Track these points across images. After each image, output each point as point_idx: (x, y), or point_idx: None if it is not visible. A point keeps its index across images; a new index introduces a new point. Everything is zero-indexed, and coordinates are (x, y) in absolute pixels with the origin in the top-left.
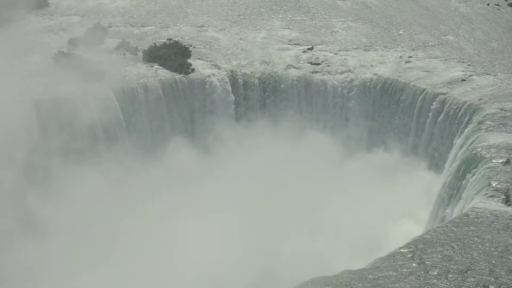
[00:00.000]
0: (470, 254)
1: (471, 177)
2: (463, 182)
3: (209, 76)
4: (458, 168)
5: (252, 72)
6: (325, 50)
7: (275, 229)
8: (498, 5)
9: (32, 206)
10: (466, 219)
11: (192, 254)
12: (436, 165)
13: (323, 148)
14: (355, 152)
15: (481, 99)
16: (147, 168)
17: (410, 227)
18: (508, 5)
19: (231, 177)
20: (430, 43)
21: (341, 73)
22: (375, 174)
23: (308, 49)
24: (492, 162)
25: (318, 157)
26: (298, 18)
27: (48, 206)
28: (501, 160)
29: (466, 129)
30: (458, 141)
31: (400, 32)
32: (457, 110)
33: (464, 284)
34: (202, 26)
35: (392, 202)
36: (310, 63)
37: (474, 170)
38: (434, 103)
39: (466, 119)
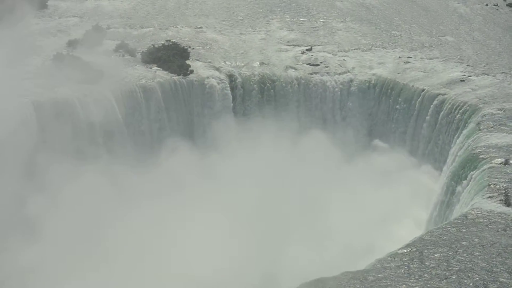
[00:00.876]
0: (469, 255)
1: (471, 178)
2: (463, 182)
3: (208, 77)
4: (458, 169)
5: (251, 73)
6: (324, 51)
7: (274, 232)
8: (497, 5)
9: (30, 207)
10: (465, 220)
11: (190, 256)
12: (435, 165)
13: (322, 149)
14: (354, 152)
15: (480, 100)
16: (146, 169)
17: (409, 229)
18: (507, 5)
19: (230, 179)
20: (429, 44)
21: (340, 74)
22: (373, 175)
23: (306, 50)
24: (491, 163)
25: (318, 158)
26: (296, 19)
27: (47, 207)
28: (500, 161)
29: (465, 130)
30: (457, 142)
31: (399, 33)
32: (456, 110)
33: (463, 285)
34: (201, 28)
35: (391, 204)
36: (309, 64)
37: (473, 170)
38: (433, 104)
39: (465, 119)
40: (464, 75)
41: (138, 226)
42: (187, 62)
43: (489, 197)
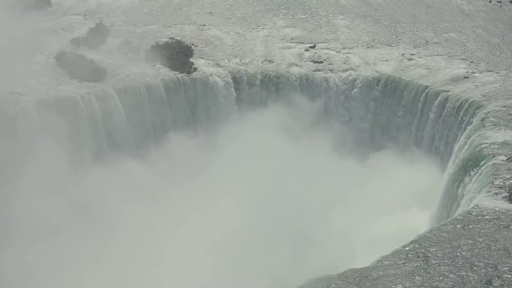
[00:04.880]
0: (473, 251)
1: (474, 175)
2: (467, 179)
3: (211, 74)
4: (461, 166)
5: (254, 71)
6: (327, 48)
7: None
8: (500, 2)
9: (36, 203)
10: (469, 216)
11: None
12: (439, 162)
13: (325, 146)
14: (356, 148)
15: (483, 96)
16: (148, 166)
17: (411, 226)
18: (510, 2)
19: (233, 176)
20: (432, 41)
21: (343, 71)
22: (375, 170)
23: (310, 47)
24: (495, 159)
25: (321, 155)
26: (300, 16)
27: (50, 205)
28: (504, 157)
29: (469, 127)
30: (461, 138)
31: (402, 30)
32: (460, 107)
33: (468, 281)
34: (204, 25)
35: (393, 200)
36: (312, 61)
37: (477, 167)
38: (436, 101)
39: (469, 116)
40: (468, 72)
41: (141, 222)
42: (191, 59)
43: (494, 193)
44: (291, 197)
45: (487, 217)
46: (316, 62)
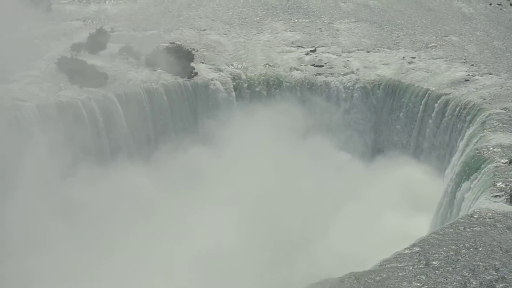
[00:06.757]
0: (475, 254)
1: (475, 177)
2: (468, 182)
3: (212, 79)
4: (462, 169)
5: (255, 75)
6: (328, 52)
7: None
8: (501, 4)
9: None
10: (471, 219)
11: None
12: (440, 165)
13: (326, 150)
14: (357, 152)
15: (484, 99)
16: (149, 171)
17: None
18: (510, 4)
19: (234, 180)
20: (432, 44)
21: (344, 74)
22: (376, 173)
23: (311, 51)
24: (496, 162)
25: (321, 159)
26: (300, 20)
27: (49, 210)
28: (505, 160)
29: (470, 129)
30: (462, 142)
31: (403, 33)
32: (461, 110)
33: (470, 284)
34: (204, 30)
35: (393, 204)
36: (313, 65)
37: (478, 170)
38: (437, 104)
39: (470, 119)
40: (468, 74)
41: (144, 229)
42: (192, 64)
43: (495, 196)
44: (291, 203)
45: (488, 219)
46: (317, 66)
